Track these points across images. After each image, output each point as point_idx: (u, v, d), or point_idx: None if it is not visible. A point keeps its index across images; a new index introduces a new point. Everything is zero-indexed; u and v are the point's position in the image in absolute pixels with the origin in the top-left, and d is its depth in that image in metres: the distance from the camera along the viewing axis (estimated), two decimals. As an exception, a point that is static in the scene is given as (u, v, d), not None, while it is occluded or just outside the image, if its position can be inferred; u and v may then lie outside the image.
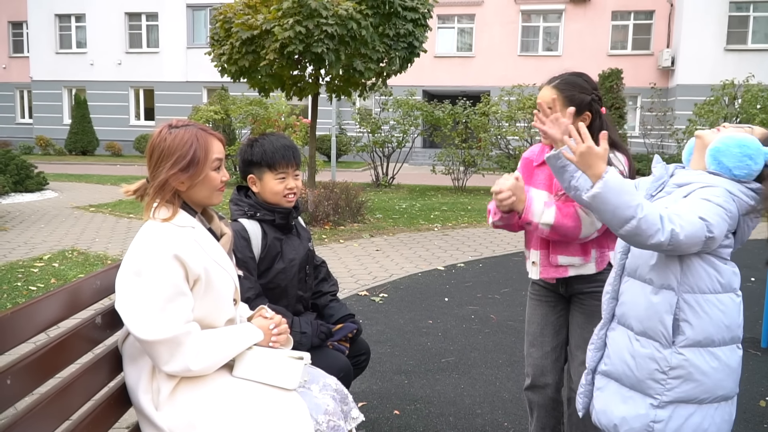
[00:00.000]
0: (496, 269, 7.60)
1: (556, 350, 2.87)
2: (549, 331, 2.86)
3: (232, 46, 9.18)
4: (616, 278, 2.24)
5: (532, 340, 2.91)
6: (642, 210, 1.91)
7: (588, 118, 2.57)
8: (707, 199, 2.01)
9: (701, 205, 1.99)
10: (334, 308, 3.12)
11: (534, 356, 2.90)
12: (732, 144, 2.08)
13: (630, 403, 2.14)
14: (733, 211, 2.03)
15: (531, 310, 2.94)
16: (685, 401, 2.08)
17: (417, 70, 12.50)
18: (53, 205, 12.67)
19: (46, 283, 6.41)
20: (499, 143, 16.52)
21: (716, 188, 2.04)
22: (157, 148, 2.11)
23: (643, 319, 2.11)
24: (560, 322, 2.86)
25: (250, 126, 16.02)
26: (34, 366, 1.76)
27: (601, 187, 1.96)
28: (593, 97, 2.57)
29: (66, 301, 2.00)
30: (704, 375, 2.06)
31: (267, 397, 2.11)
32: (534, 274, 2.77)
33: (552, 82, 2.60)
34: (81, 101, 28.48)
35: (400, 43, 9.72)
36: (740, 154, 2.06)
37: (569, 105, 2.51)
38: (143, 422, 2.08)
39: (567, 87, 2.56)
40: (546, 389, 2.88)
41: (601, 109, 2.60)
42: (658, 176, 2.24)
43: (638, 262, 2.15)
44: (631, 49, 26.80)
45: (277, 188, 2.82)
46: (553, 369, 2.87)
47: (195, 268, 2.04)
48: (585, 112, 2.56)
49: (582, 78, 2.61)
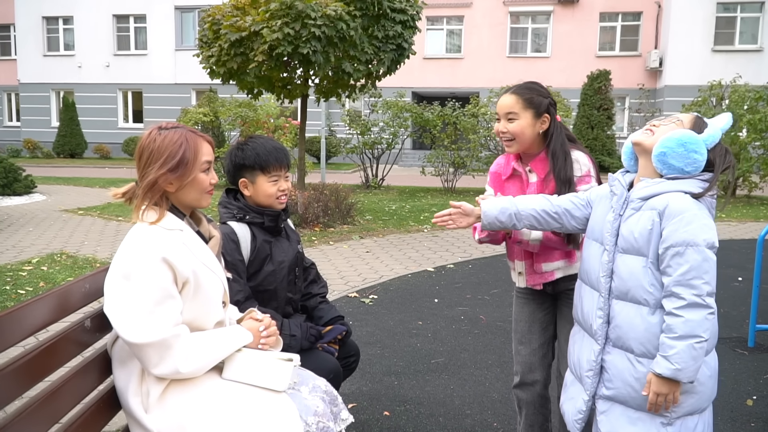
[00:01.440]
0: (485, 270, 7.62)
1: (544, 347, 2.91)
2: (537, 328, 2.90)
3: (220, 48, 9.17)
4: (604, 302, 2.23)
5: (520, 337, 2.94)
6: (694, 328, 1.98)
7: (547, 121, 2.67)
8: (687, 225, 2.02)
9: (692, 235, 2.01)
10: (324, 310, 3.13)
11: (522, 353, 2.93)
12: (673, 144, 2.09)
13: (639, 424, 2.14)
14: (707, 213, 2.07)
15: (518, 308, 2.97)
16: (690, 413, 2.12)
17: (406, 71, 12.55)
18: (41, 209, 12.60)
19: (34, 287, 6.38)
20: (489, 144, 16.55)
21: (684, 208, 2.04)
22: (147, 149, 2.12)
23: (644, 341, 2.11)
24: (547, 318, 2.90)
25: (240, 128, 16.00)
26: (23, 369, 1.76)
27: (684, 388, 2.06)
28: (550, 101, 2.69)
29: (55, 305, 2.00)
30: (703, 385, 2.11)
31: (257, 399, 2.12)
32: (521, 282, 2.84)
33: (510, 89, 2.72)
34: (69, 104, 28.32)
35: (389, 45, 9.75)
36: (685, 152, 2.08)
37: (528, 107, 2.65)
38: (133, 425, 2.08)
39: (525, 91, 2.68)
40: (535, 386, 2.92)
41: (556, 117, 2.70)
42: (620, 194, 2.24)
43: (629, 284, 2.15)
44: (619, 51, 26.95)
45: (270, 190, 2.83)
46: (541, 365, 2.91)
47: (183, 271, 2.05)
48: (544, 114, 2.66)
49: (537, 84, 2.74)
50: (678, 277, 2.00)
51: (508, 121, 2.66)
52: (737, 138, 14.83)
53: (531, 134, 2.66)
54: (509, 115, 2.66)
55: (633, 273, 2.13)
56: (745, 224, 11.72)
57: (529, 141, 2.67)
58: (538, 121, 2.66)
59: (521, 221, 2.49)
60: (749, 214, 13.00)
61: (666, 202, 2.06)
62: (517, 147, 2.69)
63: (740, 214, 12.92)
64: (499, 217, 2.49)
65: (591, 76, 18.39)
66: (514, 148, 2.70)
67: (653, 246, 2.08)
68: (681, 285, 1.99)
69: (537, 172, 2.71)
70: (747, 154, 14.94)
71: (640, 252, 2.11)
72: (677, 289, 2.00)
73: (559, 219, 2.47)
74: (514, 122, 2.65)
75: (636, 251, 2.12)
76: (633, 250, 2.13)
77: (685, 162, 2.08)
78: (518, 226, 2.51)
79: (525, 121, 2.64)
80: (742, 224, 11.71)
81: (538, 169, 2.70)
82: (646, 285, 2.10)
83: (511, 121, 2.65)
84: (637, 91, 25.47)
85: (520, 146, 2.69)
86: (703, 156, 2.08)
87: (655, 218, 2.08)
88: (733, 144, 14.78)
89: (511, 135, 2.66)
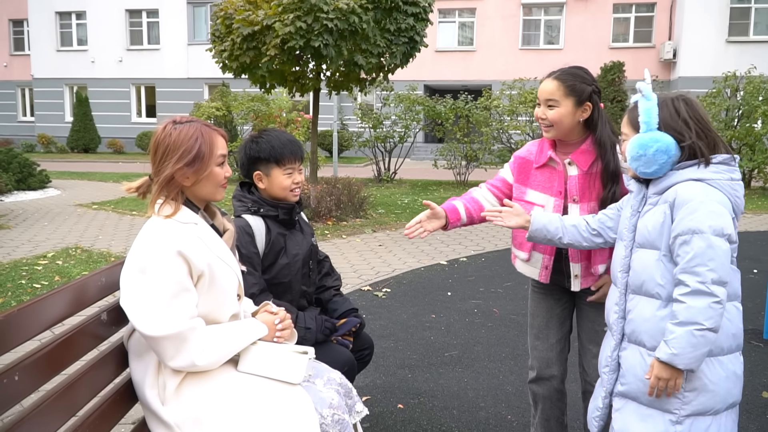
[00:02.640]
0: (498, 263, 7.61)
1: (561, 342, 2.88)
2: (554, 323, 2.87)
3: (233, 43, 9.18)
4: (621, 297, 2.22)
5: (537, 332, 2.91)
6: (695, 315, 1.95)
7: (588, 109, 2.58)
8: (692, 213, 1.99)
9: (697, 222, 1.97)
10: (338, 303, 3.14)
11: (539, 349, 2.90)
12: (634, 159, 2.08)
13: (649, 421, 2.12)
14: (718, 199, 2.02)
15: (535, 303, 2.93)
16: (702, 413, 2.07)
17: (418, 64, 12.51)
18: (56, 203, 12.69)
19: (50, 281, 6.43)
20: (501, 137, 16.50)
21: (690, 197, 2.01)
22: (162, 144, 2.12)
23: (655, 334, 2.09)
24: (565, 314, 2.87)
25: (252, 122, 16.03)
26: (40, 363, 1.77)
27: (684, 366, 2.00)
28: (593, 89, 2.58)
29: (71, 299, 2.01)
30: (716, 385, 2.06)
31: (272, 392, 2.13)
32: (575, 286, 2.72)
33: (553, 74, 2.61)
34: (82, 99, 28.49)
35: (401, 38, 9.72)
36: (647, 155, 2.05)
37: (571, 95, 2.54)
38: (149, 418, 2.10)
39: (568, 77, 2.56)
40: (552, 381, 2.89)
41: (600, 105, 2.61)
42: (636, 191, 2.22)
43: (642, 277, 2.13)
44: (632, 42, 26.75)
45: (285, 183, 2.84)
46: (558, 360, 2.88)
47: (198, 264, 2.06)
48: (586, 102, 2.57)
49: (582, 70, 2.62)
50: (684, 264, 1.98)
51: (548, 107, 2.58)
52: (752, 129, 14.70)
53: (570, 123, 2.57)
54: (549, 102, 2.57)
55: (646, 266, 2.11)
56: (760, 216, 11.63)
57: (568, 129, 2.59)
58: (579, 109, 2.56)
59: (566, 235, 2.47)
60: (765, 205, 12.89)
61: (675, 193, 2.04)
62: (555, 133, 2.61)
63: (755, 206, 12.80)
64: (547, 226, 2.47)
65: (604, 68, 18.24)
66: (551, 133, 2.62)
67: (665, 238, 2.06)
68: (686, 272, 1.97)
69: (579, 165, 2.61)
70: (762, 145, 14.78)
71: (653, 245, 2.10)
72: (683, 276, 1.98)
73: (599, 235, 2.45)
74: (554, 109, 2.56)
75: (650, 245, 2.11)
76: (648, 244, 2.12)
77: (658, 162, 2.06)
78: (563, 240, 2.48)
79: (565, 109, 2.55)
80: (757, 216, 11.61)
81: (581, 162, 2.61)
82: (658, 278, 2.08)
83: (550, 108, 2.57)
84: (651, 83, 25.28)
85: (558, 133, 2.61)
86: (664, 141, 2.04)
87: (666, 210, 2.06)
88: (748, 135, 14.64)
89: (550, 122, 2.58)
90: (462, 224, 2.80)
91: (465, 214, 2.78)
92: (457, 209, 2.79)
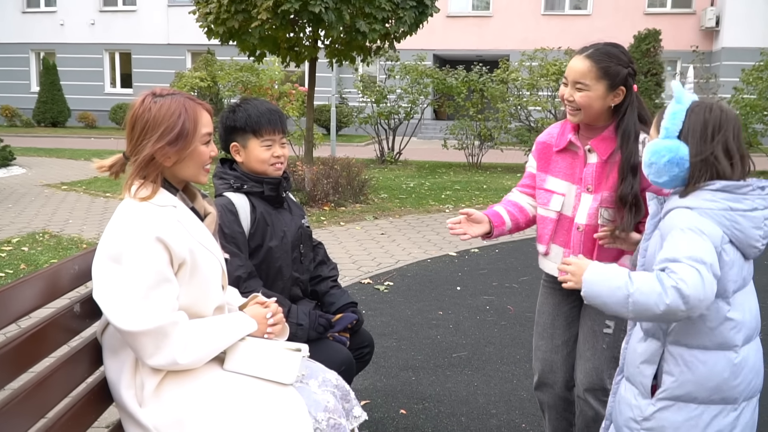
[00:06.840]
0: (513, 255, 7.63)
1: (568, 344, 2.89)
2: (561, 322, 2.90)
3: (219, 4, 9.14)
4: (630, 326, 2.30)
5: (542, 331, 2.94)
6: (632, 283, 1.96)
7: (622, 94, 2.57)
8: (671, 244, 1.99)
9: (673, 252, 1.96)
10: (335, 296, 3.17)
11: (543, 349, 2.93)
12: (646, 165, 2.10)
13: (639, 399, 2.18)
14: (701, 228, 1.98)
15: (543, 298, 2.97)
16: (681, 399, 2.08)
17: (427, 31, 12.41)
18: (21, 183, 12.73)
19: (15, 269, 6.47)
20: (519, 114, 16.45)
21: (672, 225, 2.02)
22: (140, 120, 2.13)
23: (630, 364, 2.21)
24: (573, 313, 2.89)
25: (240, 94, 16.00)
26: (6, 359, 1.79)
27: (585, 288, 2.05)
28: (629, 71, 2.56)
29: (40, 289, 2.02)
30: (693, 371, 2.06)
31: (261, 393, 2.15)
32: None
33: (585, 51, 2.58)
34: (50, 66, 28.39)
35: (409, 2, 9.67)
36: (659, 165, 2.05)
37: (604, 78, 2.53)
38: (126, 420, 2.12)
39: (602, 57, 2.54)
40: (554, 387, 2.92)
41: (634, 86, 2.59)
42: (653, 213, 2.21)
43: None
44: (670, 7, 26.58)
45: (263, 155, 2.87)
46: (564, 365, 2.89)
47: (179, 251, 2.07)
48: (619, 87, 2.56)
49: (618, 49, 2.59)
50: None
51: (577, 89, 2.55)
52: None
53: (600, 108, 2.57)
54: (578, 84, 2.54)
55: None
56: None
57: (597, 114, 2.59)
58: (612, 94, 2.54)
59: None
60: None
61: (666, 220, 2.08)
62: (582, 118, 2.61)
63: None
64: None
65: (638, 37, 18.09)
66: (577, 117, 2.61)
67: None
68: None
69: (598, 153, 2.63)
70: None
71: (650, 270, 2.13)
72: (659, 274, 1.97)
73: None
74: (583, 92, 2.53)
75: (648, 269, 2.14)
76: (648, 268, 2.16)
77: (669, 173, 2.05)
78: None
79: (595, 93, 2.53)
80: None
81: (601, 150, 2.62)
82: None
83: (579, 90, 2.54)
84: (691, 54, 25.08)
85: (585, 118, 2.61)
86: (679, 152, 2.02)
87: (659, 238, 2.11)
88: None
89: (578, 105, 2.57)
90: (508, 230, 2.85)
91: (509, 218, 2.85)
92: (500, 214, 2.84)
